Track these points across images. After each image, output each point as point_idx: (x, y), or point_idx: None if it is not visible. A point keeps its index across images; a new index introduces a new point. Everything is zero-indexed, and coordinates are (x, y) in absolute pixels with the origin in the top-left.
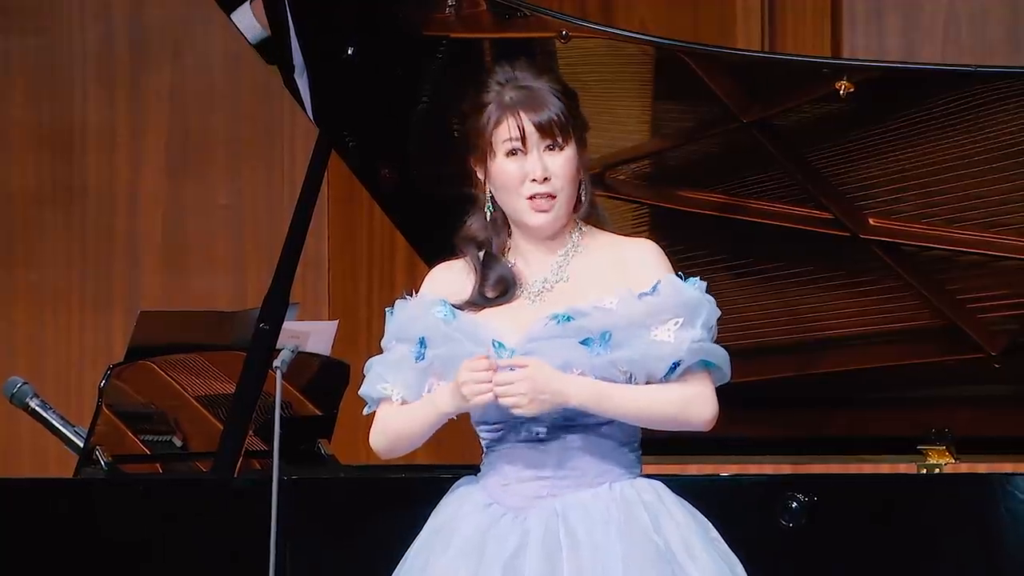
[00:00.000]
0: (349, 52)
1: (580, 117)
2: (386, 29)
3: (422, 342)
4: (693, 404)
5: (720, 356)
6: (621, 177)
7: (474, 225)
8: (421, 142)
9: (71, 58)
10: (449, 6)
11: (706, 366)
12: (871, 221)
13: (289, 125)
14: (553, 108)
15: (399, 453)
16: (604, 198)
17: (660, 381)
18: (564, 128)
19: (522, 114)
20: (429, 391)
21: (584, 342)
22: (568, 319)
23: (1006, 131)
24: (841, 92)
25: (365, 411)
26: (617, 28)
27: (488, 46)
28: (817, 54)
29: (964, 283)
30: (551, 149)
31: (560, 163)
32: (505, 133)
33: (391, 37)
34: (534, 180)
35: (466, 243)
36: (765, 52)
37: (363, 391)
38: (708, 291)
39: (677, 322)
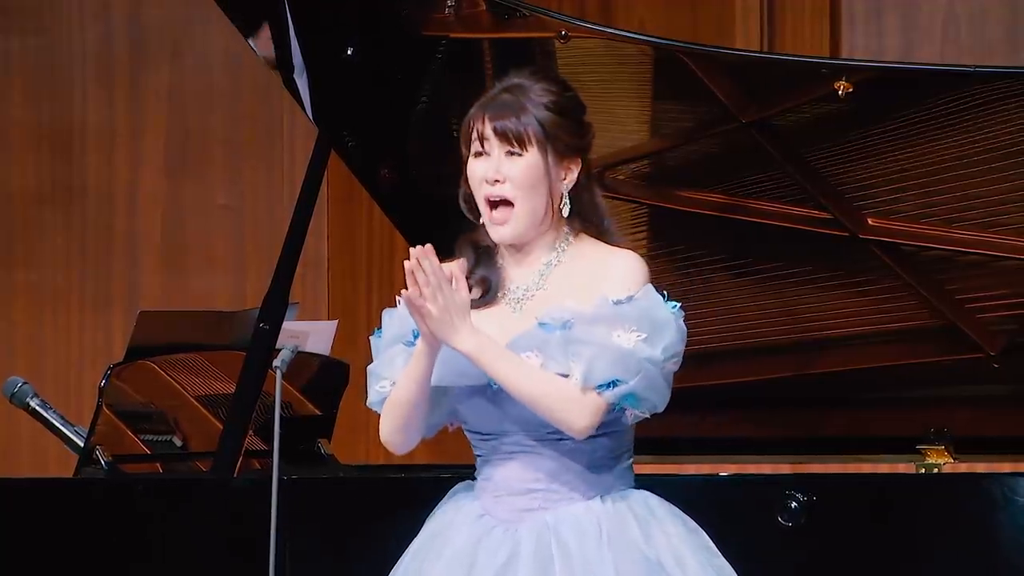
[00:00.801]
0: (349, 52)
1: (570, 129)
2: (386, 29)
3: (415, 334)
4: (574, 409)
5: (658, 396)
6: (620, 177)
7: (481, 230)
8: (421, 142)
9: (71, 58)
10: (448, 6)
11: (613, 387)
12: (870, 221)
13: (289, 125)
14: (521, 116)
15: (404, 430)
16: (603, 198)
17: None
18: (523, 137)
19: (486, 117)
20: None
21: (543, 325)
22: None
23: (1005, 131)
24: (840, 92)
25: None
26: (616, 28)
27: (487, 46)
28: (816, 54)
29: (963, 283)
30: (511, 155)
31: (518, 169)
32: (473, 133)
33: (391, 37)
34: (487, 181)
35: (464, 246)
36: (764, 52)
37: (369, 401)
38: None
39: (641, 336)
